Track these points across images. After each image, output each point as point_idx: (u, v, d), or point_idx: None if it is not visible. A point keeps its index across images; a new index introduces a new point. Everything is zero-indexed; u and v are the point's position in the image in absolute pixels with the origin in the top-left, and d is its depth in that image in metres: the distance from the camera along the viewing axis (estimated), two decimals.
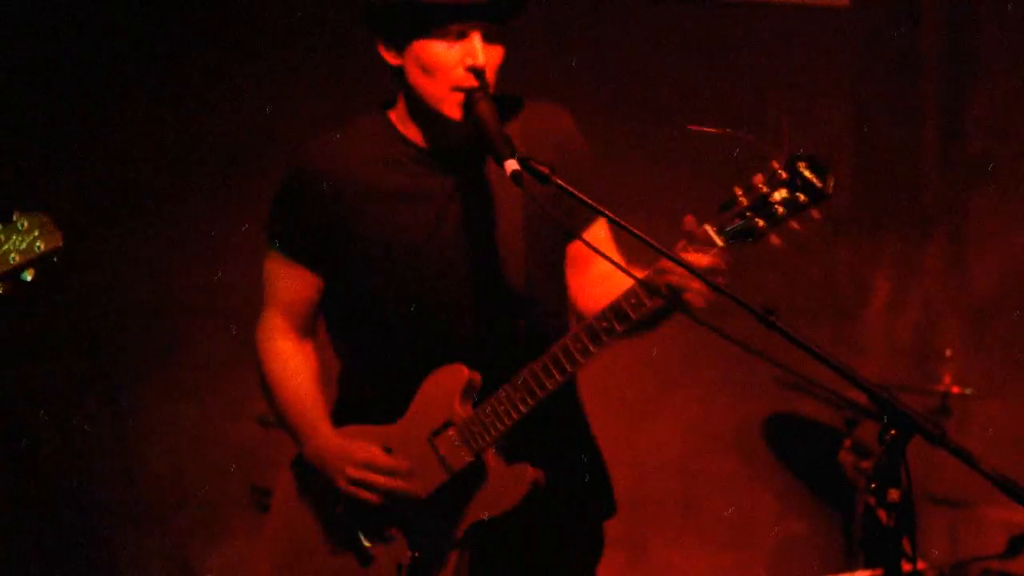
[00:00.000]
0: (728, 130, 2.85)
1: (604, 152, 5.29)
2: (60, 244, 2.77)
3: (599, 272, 3.17)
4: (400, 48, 2.96)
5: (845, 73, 5.69)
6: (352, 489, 3.04)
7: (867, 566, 4.87)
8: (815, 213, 2.73)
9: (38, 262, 2.76)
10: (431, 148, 3.06)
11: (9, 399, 4.80)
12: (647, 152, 5.43)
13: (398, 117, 3.08)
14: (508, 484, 3.00)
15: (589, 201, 2.76)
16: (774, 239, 2.77)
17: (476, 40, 2.90)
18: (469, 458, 3.01)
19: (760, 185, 2.72)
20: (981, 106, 5.73)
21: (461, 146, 3.04)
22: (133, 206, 4.96)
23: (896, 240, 5.75)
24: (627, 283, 2.92)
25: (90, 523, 4.94)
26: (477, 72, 2.90)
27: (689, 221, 2.79)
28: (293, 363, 3.20)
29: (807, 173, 2.69)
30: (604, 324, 2.86)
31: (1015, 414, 5.55)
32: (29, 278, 2.76)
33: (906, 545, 2.47)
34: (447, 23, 2.89)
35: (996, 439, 5.43)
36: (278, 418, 3.22)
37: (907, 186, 5.77)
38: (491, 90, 2.94)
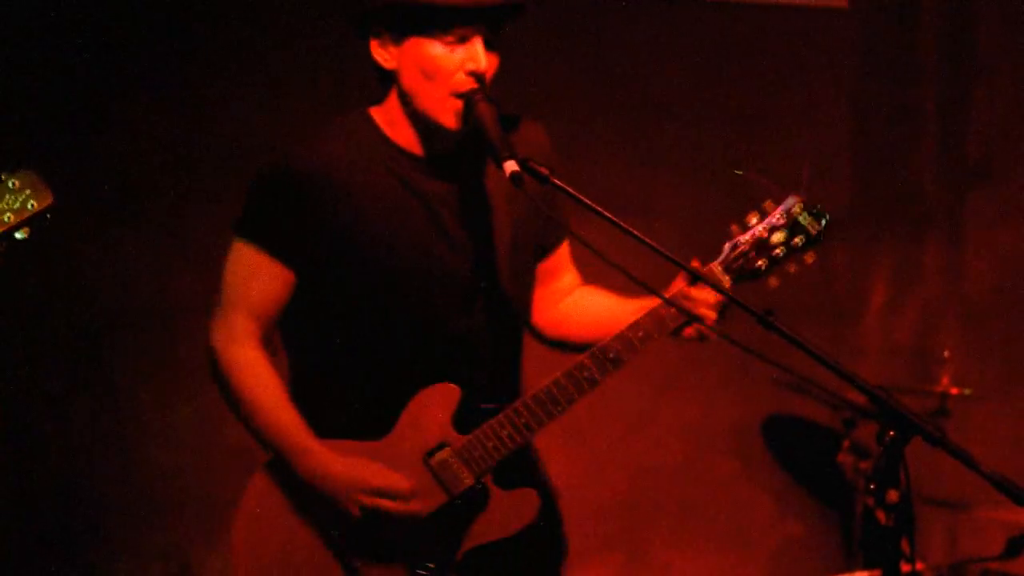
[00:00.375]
0: (755, 177, 3.00)
1: (602, 152, 5.33)
2: (52, 201, 2.75)
3: (558, 288, 3.27)
4: (397, 42, 2.92)
5: (844, 74, 5.69)
6: (362, 514, 2.93)
7: (866, 567, 4.88)
8: (808, 257, 2.96)
9: (32, 220, 2.74)
10: (424, 155, 3.02)
11: (9, 399, 4.79)
12: (646, 152, 5.44)
13: (386, 120, 3.02)
14: (513, 509, 3.00)
15: (588, 202, 2.77)
16: (772, 281, 2.99)
17: (478, 45, 2.89)
18: (470, 481, 2.97)
19: (758, 226, 2.92)
20: (980, 108, 5.73)
21: (452, 153, 3.02)
22: (133, 206, 4.96)
23: (894, 241, 5.75)
24: (579, 299, 3.22)
25: (90, 523, 4.94)
26: (478, 76, 2.89)
27: (696, 264, 2.95)
28: (269, 374, 3.01)
29: (802, 218, 2.93)
30: (611, 355, 2.95)
31: (1013, 415, 5.56)
32: (23, 237, 2.74)
33: (905, 546, 2.48)
34: (452, 26, 2.87)
35: (995, 440, 5.44)
36: (255, 432, 3.02)
37: (906, 187, 5.77)
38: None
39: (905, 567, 2.54)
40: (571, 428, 3.23)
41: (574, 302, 3.27)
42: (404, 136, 3.01)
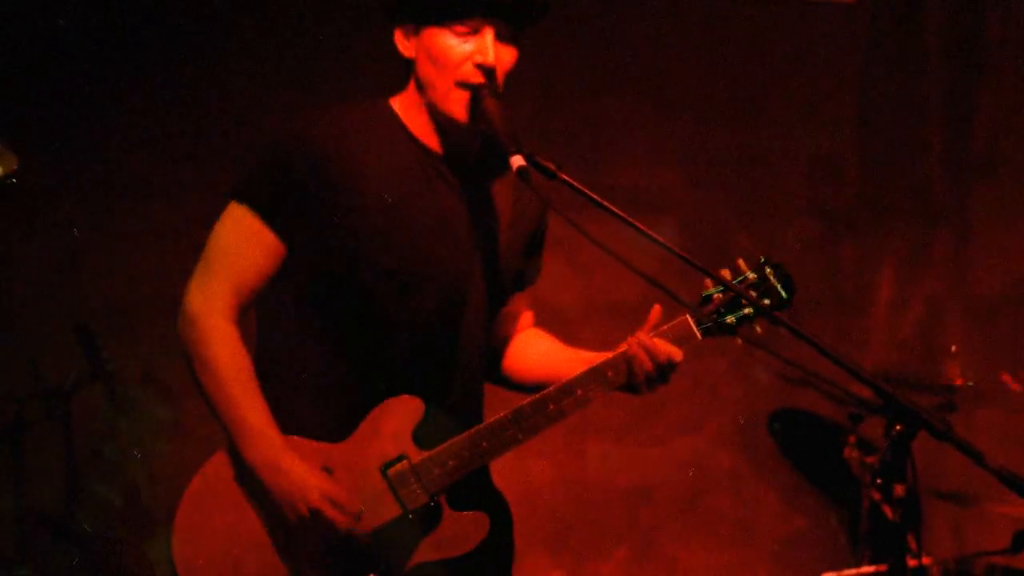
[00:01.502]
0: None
1: (609, 147, 5.33)
2: (15, 167, 2.72)
3: (512, 324, 3.31)
4: (416, 31, 2.90)
5: (850, 69, 5.69)
6: (308, 515, 2.88)
7: (872, 561, 4.87)
8: (774, 318, 2.93)
9: None
10: (442, 153, 2.99)
11: (9, 398, 4.79)
12: (652, 146, 5.44)
13: (406, 111, 2.98)
14: (464, 531, 2.98)
15: (596, 197, 2.76)
16: (739, 339, 3.00)
17: (488, 37, 2.87)
18: (424, 498, 2.95)
19: (731, 284, 2.92)
20: (986, 102, 5.72)
21: (471, 157, 3.01)
22: (134, 205, 4.96)
23: (901, 235, 5.74)
24: (529, 341, 3.27)
25: (93, 523, 4.94)
26: (486, 70, 2.87)
27: (657, 311, 2.99)
28: (243, 353, 2.93)
29: (773, 280, 2.98)
30: (579, 391, 2.97)
31: (1020, 409, 5.55)
32: None
33: (911, 540, 2.49)
34: (464, 16, 2.85)
35: (1001, 434, 5.43)
36: (218, 408, 2.91)
37: (912, 181, 5.77)
38: (500, 91, 2.91)
39: (911, 561, 2.54)
40: (578, 423, 3.23)
41: (525, 343, 3.30)
42: (423, 129, 2.98)
